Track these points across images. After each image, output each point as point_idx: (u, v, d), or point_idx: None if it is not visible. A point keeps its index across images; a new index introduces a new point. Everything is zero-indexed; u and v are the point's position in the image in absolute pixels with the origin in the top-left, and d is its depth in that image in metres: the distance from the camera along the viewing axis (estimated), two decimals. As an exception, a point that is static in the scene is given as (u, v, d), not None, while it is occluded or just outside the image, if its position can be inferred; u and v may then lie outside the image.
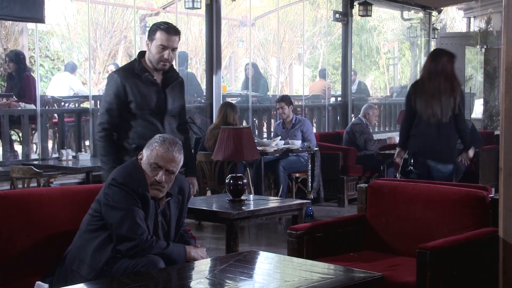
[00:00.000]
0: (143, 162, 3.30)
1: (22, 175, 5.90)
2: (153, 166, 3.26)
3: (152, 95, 4.02)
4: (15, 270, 3.32)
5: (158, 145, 3.28)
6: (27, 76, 8.13)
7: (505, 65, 3.48)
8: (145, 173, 3.28)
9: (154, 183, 3.27)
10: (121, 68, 4.17)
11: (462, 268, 3.46)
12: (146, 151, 3.32)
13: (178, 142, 3.37)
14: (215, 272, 3.00)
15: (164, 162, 3.26)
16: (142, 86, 4.00)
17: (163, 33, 3.94)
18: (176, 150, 3.30)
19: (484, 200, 3.78)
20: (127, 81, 3.98)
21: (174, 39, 3.97)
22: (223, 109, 7.39)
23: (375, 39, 21.40)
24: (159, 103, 4.04)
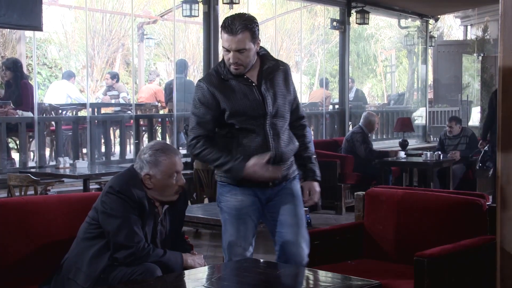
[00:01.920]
0: (158, 180, 3.25)
1: (19, 183, 5.89)
2: (174, 175, 3.28)
3: (245, 98, 3.38)
4: (12, 278, 3.31)
5: (165, 157, 3.27)
6: (24, 83, 8.12)
7: (502, 73, 3.49)
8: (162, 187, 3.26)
9: (179, 190, 3.33)
10: (207, 74, 3.55)
11: (460, 276, 3.46)
12: (154, 170, 3.25)
13: (164, 142, 3.44)
14: (212, 280, 2.99)
15: (181, 166, 3.33)
16: (232, 90, 3.38)
17: (223, 32, 3.33)
18: (175, 149, 3.39)
19: (482, 208, 3.78)
20: (215, 88, 3.39)
21: (236, 40, 3.29)
22: None
23: (372, 47, 21.44)
24: (255, 106, 3.38)
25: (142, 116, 9.96)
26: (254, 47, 3.34)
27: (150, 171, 3.26)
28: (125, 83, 13.23)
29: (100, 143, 9.08)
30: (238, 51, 3.30)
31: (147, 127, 9.57)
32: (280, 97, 3.43)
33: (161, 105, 11.03)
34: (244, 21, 3.30)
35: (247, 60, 3.34)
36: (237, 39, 3.28)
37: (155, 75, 12.47)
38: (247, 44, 3.30)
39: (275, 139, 3.40)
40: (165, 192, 3.29)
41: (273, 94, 3.41)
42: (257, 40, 3.35)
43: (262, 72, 3.42)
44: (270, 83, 3.42)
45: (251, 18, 3.36)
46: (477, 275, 3.58)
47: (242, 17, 3.33)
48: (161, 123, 9.89)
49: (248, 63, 3.36)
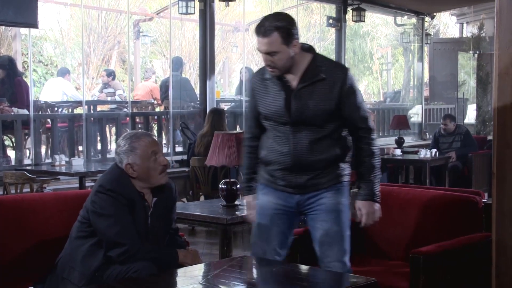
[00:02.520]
0: (140, 165, 3.24)
1: (15, 180, 5.88)
2: (152, 157, 3.25)
3: (273, 104, 3.28)
4: (6, 276, 3.30)
5: (136, 141, 3.24)
6: (18, 81, 8.12)
7: (498, 70, 3.49)
8: (146, 171, 3.25)
9: (163, 169, 3.29)
10: (259, 69, 3.48)
11: (455, 273, 3.47)
12: (132, 157, 3.23)
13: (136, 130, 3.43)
14: (208, 278, 2.99)
15: (156, 146, 3.30)
16: (267, 92, 3.31)
17: (255, 34, 3.20)
18: (147, 132, 3.35)
19: (477, 205, 3.79)
20: (257, 86, 3.36)
21: (265, 42, 3.15)
22: (210, 116, 7.38)
23: (368, 44, 21.46)
24: (280, 113, 3.27)
25: (138, 113, 9.96)
26: (288, 50, 3.15)
27: (129, 160, 3.25)
28: (121, 81, 13.21)
29: (96, 141, 9.07)
30: (269, 54, 3.17)
31: (143, 124, 9.57)
32: (314, 107, 3.22)
33: (157, 103, 11.02)
34: (275, 22, 3.13)
35: (281, 63, 3.18)
36: (266, 41, 3.14)
37: (151, 72, 12.46)
38: (279, 47, 3.14)
39: (297, 147, 3.26)
40: (150, 175, 3.26)
41: (305, 102, 3.22)
42: (292, 42, 3.15)
43: (304, 76, 3.23)
44: (307, 89, 3.22)
45: (285, 19, 3.17)
46: (472, 272, 3.59)
47: (274, 18, 3.17)
48: (157, 121, 9.89)
49: (283, 66, 3.20)
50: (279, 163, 3.32)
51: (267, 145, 3.36)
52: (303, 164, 3.28)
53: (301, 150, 3.26)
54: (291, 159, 3.28)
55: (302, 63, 3.23)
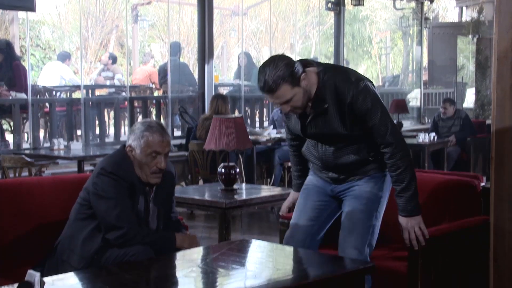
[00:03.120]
0: (137, 154, 3.24)
1: (14, 164, 5.88)
2: (153, 155, 3.22)
3: (297, 127, 3.33)
4: (6, 260, 3.31)
5: (148, 133, 3.23)
6: (16, 65, 8.09)
7: (497, 54, 3.48)
8: (140, 162, 3.25)
9: (156, 171, 3.25)
10: None
11: (453, 256, 3.48)
12: (135, 142, 3.24)
13: (160, 122, 3.36)
14: (207, 261, 3.00)
15: (162, 148, 3.24)
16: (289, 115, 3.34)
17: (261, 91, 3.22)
18: (166, 132, 3.30)
19: (476, 189, 3.79)
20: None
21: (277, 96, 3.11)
22: (215, 101, 7.37)
23: (367, 28, 21.40)
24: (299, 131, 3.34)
25: (137, 98, 9.94)
26: (300, 88, 3.09)
27: (132, 143, 3.25)
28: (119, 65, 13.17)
29: (95, 125, 9.07)
30: (285, 103, 3.13)
31: (141, 109, 9.56)
32: (329, 131, 3.21)
33: (155, 87, 11.00)
34: (276, 74, 3.05)
35: (299, 103, 3.13)
36: (277, 95, 3.09)
37: (149, 56, 12.43)
38: (291, 93, 3.08)
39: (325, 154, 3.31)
40: (142, 169, 3.24)
41: (319, 129, 3.24)
42: (300, 80, 3.08)
43: (313, 105, 3.19)
44: (318, 118, 3.20)
45: (282, 63, 3.08)
46: (470, 255, 3.60)
47: (273, 69, 3.06)
48: (155, 105, 9.88)
49: (303, 104, 3.15)
50: (314, 162, 3.43)
51: (306, 145, 3.45)
52: (333, 167, 3.35)
53: (328, 157, 3.31)
54: (321, 162, 3.37)
55: (312, 89, 3.16)
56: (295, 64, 3.09)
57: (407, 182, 3.19)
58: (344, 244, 3.28)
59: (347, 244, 3.27)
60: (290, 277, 2.70)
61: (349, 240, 3.27)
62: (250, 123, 10.22)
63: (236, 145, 4.76)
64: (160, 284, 2.65)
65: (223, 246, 3.26)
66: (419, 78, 14.11)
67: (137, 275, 2.74)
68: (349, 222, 3.31)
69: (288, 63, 3.08)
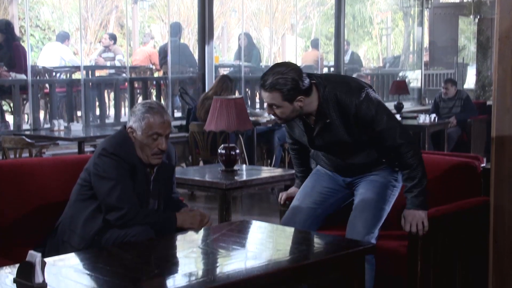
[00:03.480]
0: (138, 136, 3.24)
1: (14, 145, 5.88)
2: (153, 136, 3.22)
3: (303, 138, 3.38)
4: (7, 240, 3.32)
5: (149, 115, 3.22)
6: (16, 45, 8.06)
7: (499, 34, 3.47)
8: (141, 144, 3.25)
9: (157, 152, 3.25)
10: None
11: (453, 237, 3.49)
12: (136, 124, 3.23)
13: (161, 103, 3.35)
14: (207, 242, 3.01)
15: (163, 129, 3.24)
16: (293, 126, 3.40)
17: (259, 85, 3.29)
18: (166, 113, 3.30)
19: (476, 170, 3.79)
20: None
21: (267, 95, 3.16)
22: (221, 82, 7.31)
23: (368, 9, 21.26)
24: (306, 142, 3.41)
25: (137, 78, 9.91)
26: (291, 105, 3.13)
27: (133, 125, 3.25)
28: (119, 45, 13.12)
29: (95, 106, 9.06)
30: (271, 106, 3.18)
31: (141, 90, 9.54)
32: (336, 141, 3.27)
33: (155, 68, 10.97)
34: (278, 80, 3.09)
35: (283, 116, 3.19)
36: (268, 95, 3.15)
37: (149, 37, 12.37)
38: (280, 103, 3.13)
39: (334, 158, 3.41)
40: (143, 150, 3.24)
41: (326, 141, 3.29)
42: (296, 99, 3.11)
43: (316, 119, 3.23)
44: (323, 131, 3.25)
45: (290, 75, 3.10)
46: (470, 236, 3.60)
47: (278, 74, 3.11)
48: (155, 86, 9.85)
49: (286, 118, 3.22)
50: (325, 167, 3.52)
51: (316, 152, 3.51)
52: (344, 169, 3.44)
53: (338, 161, 3.41)
54: (332, 165, 3.45)
55: (313, 105, 3.19)
56: (300, 83, 3.10)
57: (418, 180, 3.24)
58: (354, 221, 3.30)
59: (357, 222, 3.29)
60: (290, 258, 2.71)
61: (360, 219, 3.29)
62: (250, 104, 10.20)
63: (236, 126, 4.76)
64: (161, 264, 2.66)
65: (224, 227, 3.27)
66: (420, 59, 14.06)
67: (138, 256, 2.75)
68: (362, 203, 3.34)
69: (295, 78, 3.09)
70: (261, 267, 2.54)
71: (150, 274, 2.48)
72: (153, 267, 2.65)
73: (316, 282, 3.30)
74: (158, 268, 2.58)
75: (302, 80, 3.11)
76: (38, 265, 2.26)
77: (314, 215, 3.44)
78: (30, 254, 2.29)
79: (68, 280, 2.40)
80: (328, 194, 3.50)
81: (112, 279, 2.40)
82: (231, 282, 2.37)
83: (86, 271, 2.57)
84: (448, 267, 3.48)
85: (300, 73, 3.13)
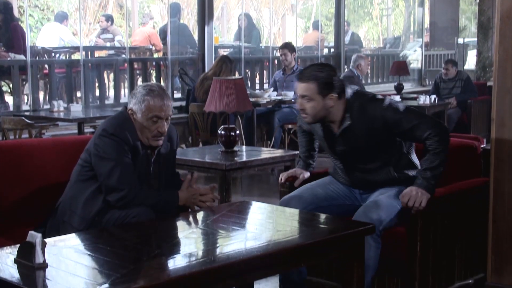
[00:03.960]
0: (139, 118, 3.23)
1: (14, 126, 5.88)
2: (153, 119, 3.22)
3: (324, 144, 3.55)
4: (7, 221, 3.32)
5: (149, 98, 3.21)
6: (14, 26, 8.02)
7: (500, 14, 3.45)
8: (141, 126, 3.24)
9: (157, 134, 3.25)
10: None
11: (453, 218, 3.49)
12: (136, 106, 3.22)
13: (162, 86, 3.39)
14: (207, 222, 3.01)
15: (163, 112, 3.23)
16: (316, 131, 3.56)
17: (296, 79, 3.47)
18: (167, 96, 3.28)
19: (476, 150, 3.79)
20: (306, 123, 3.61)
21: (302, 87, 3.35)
22: (220, 62, 7.29)
23: (368, -11, 21.14)
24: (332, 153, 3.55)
25: (136, 59, 9.88)
26: (323, 101, 3.30)
27: (134, 107, 3.24)
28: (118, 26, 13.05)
29: (94, 87, 9.03)
30: (303, 98, 3.33)
31: (141, 70, 9.51)
32: (357, 148, 3.41)
33: (155, 49, 10.92)
34: (316, 72, 3.30)
35: (312, 111, 3.33)
36: (302, 86, 3.31)
37: (149, 18, 12.31)
38: (313, 95, 3.29)
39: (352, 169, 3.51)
40: (143, 133, 3.24)
41: (347, 147, 3.43)
42: (329, 95, 3.29)
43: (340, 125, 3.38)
44: (346, 136, 3.39)
45: (327, 70, 3.32)
46: (470, 216, 3.61)
47: (317, 67, 3.35)
48: (155, 67, 9.82)
49: (314, 115, 3.35)
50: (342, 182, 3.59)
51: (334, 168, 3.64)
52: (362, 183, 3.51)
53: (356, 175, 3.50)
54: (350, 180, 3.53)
55: (339, 111, 3.35)
56: (336, 80, 3.31)
57: (436, 164, 3.28)
58: (365, 209, 3.29)
59: (368, 209, 3.28)
60: (290, 239, 2.72)
61: (373, 207, 3.29)
62: (250, 85, 10.18)
63: (236, 107, 4.75)
64: (161, 245, 2.67)
65: (224, 207, 3.27)
66: (420, 40, 14.01)
67: (138, 236, 2.76)
68: (375, 199, 3.36)
69: (332, 74, 3.32)
70: (261, 248, 2.54)
71: (150, 254, 2.49)
72: (153, 247, 2.65)
73: (315, 262, 3.32)
74: (158, 249, 2.59)
75: (337, 78, 3.32)
76: (39, 246, 2.26)
77: (318, 205, 3.45)
78: (31, 235, 2.30)
79: (68, 261, 2.41)
80: (339, 195, 3.56)
81: (112, 259, 2.41)
82: (231, 262, 2.38)
83: (87, 251, 2.57)
84: (448, 248, 3.49)
85: (336, 73, 3.37)
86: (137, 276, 2.23)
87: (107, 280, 2.16)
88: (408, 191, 3.27)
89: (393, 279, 3.41)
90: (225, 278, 2.37)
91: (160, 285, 2.16)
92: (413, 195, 3.24)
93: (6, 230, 3.25)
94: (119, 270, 2.24)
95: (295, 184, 3.65)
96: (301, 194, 3.50)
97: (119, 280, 2.15)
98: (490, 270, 3.63)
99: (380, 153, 3.41)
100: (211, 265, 2.33)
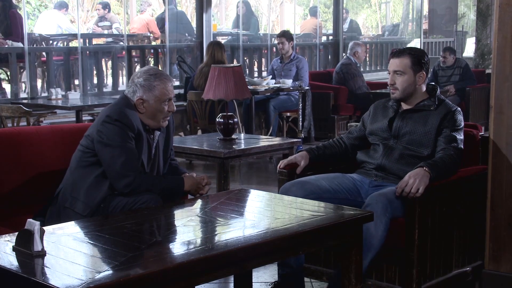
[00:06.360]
0: (151, 105, 3.24)
1: (11, 114, 5.87)
2: (166, 102, 3.27)
3: (385, 120, 3.68)
4: (5, 209, 3.33)
5: (159, 82, 3.25)
6: (13, 13, 7.99)
7: (499, 1, 3.44)
8: (154, 111, 3.25)
9: (168, 114, 3.32)
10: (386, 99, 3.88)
11: (451, 205, 3.50)
12: (147, 94, 3.23)
13: (159, 68, 3.47)
14: (206, 210, 3.01)
15: (172, 94, 3.32)
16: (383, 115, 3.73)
17: (390, 57, 3.72)
18: (168, 75, 3.37)
19: (474, 138, 3.79)
20: (377, 106, 3.82)
21: (396, 61, 3.61)
22: (210, 47, 7.32)
23: (367, -24, 21.07)
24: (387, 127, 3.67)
25: (134, 47, 9.86)
26: (414, 77, 3.57)
27: (143, 96, 3.25)
28: (116, 13, 13.01)
29: (92, 74, 9.01)
30: (395, 73, 3.57)
31: (139, 58, 9.49)
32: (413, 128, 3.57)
33: (153, 36, 10.89)
34: (410, 50, 3.64)
35: (402, 85, 3.56)
36: (397, 60, 3.58)
37: (147, 5, 12.26)
38: (406, 69, 3.55)
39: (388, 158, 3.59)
40: (156, 117, 3.27)
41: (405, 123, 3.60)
42: (419, 72, 3.56)
43: (415, 106, 3.61)
44: (411, 114, 3.60)
45: (420, 50, 3.71)
46: (468, 204, 3.62)
47: (411, 48, 3.72)
48: (153, 54, 9.80)
49: (403, 90, 3.58)
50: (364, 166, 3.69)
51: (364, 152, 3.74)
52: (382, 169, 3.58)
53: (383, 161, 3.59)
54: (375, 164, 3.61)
55: (421, 96, 3.62)
56: (427, 63, 3.61)
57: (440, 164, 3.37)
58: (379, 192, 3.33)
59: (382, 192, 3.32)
60: (288, 226, 2.72)
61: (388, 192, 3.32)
62: (248, 72, 10.16)
63: (234, 94, 4.75)
64: (160, 232, 2.67)
65: (222, 195, 3.27)
66: (419, 27, 13.98)
67: (137, 224, 2.76)
68: (381, 191, 3.37)
69: (424, 54, 3.64)
70: (259, 235, 2.55)
71: (149, 242, 2.49)
72: (152, 235, 2.65)
73: (314, 250, 3.33)
74: (156, 237, 2.59)
75: (428, 60, 3.62)
76: (37, 233, 2.27)
77: (319, 195, 3.44)
78: (29, 222, 2.30)
79: (67, 248, 2.41)
80: (343, 189, 3.56)
81: (111, 247, 2.41)
82: (229, 250, 2.38)
83: (85, 239, 2.57)
84: (446, 236, 3.49)
85: (425, 52, 3.71)
86: (136, 263, 2.24)
87: (105, 267, 2.17)
88: (406, 179, 3.28)
89: (391, 267, 3.42)
90: (224, 266, 2.37)
91: (158, 272, 2.16)
92: (412, 183, 3.25)
93: (5, 218, 3.25)
94: (117, 257, 2.24)
95: (297, 171, 3.66)
96: (304, 181, 3.50)
97: (118, 267, 2.16)
98: (488, 257, 3.64)
99: (432, 144, 3.54)
100: (209, 253, 2.33)
